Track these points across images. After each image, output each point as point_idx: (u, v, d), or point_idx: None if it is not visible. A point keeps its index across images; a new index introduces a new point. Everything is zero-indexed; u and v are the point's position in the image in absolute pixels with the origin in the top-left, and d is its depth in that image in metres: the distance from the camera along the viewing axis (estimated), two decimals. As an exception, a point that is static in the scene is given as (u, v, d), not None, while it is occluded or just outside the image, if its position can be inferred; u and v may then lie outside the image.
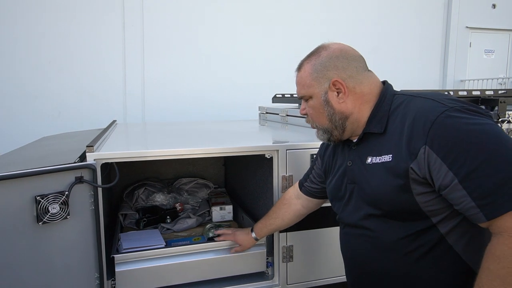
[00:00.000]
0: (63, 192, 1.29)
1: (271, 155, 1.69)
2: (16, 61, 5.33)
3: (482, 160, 0.84)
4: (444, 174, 0.88)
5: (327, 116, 1.13)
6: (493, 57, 7.82)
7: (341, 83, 1.09)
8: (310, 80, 1.13)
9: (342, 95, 1.10)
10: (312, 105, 1.16)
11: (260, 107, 3.52)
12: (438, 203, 0.95)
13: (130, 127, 2.92)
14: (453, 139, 0.87)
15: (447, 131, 0.89)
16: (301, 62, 1.18)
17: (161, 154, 1.55)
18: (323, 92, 1.12)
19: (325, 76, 1.11)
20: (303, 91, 1.16)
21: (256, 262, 1.74)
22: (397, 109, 1.04)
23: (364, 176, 1.09)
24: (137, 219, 2.04)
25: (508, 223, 0.83)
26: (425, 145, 0.90)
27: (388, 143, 1.02)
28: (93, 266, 1.41)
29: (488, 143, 0.86)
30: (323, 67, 1.11)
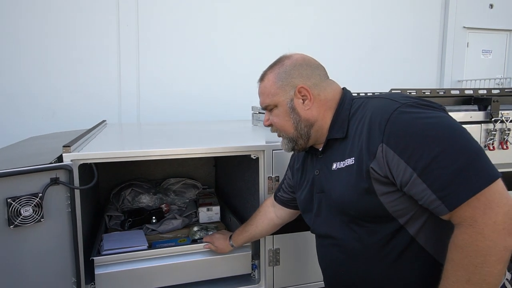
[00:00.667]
0: (36, 194, 1.25)
1: (257, 156, 1.65)
2: (10, 60, 5.29)
3: (438, 152, 0.84)
4: (403, 170, 0.88)
5: (293, 123, 1.12)
6: (490, 58, 7.79)
7: (306, 89, 1.10)
8: (275, 89, 1.12)
9: (308, 102, 1.11)
10: (277, 114, 1.15)
11: (253, 107, 3.48)
12: (403, 202, 0.94)
13: (119, 127, 2.88)
14: (407, 134, 0.88)
15: (401, 126, 0.89)
16: (264, 72, 1.18)
17: (140, 154, 1.51)
18: (289, 100, 1.11)
19: (290, 84, 1.11)
20: (267, 100, 1.15)
21: (241, 264, 1.70)
22: (356, 112, 1.06)
23: (330, 183, 1.09)
24: (122, 220, 2.00)
25: (466, 213, 0.82)
26: (381, 143, 0.91)
27: (350, 147, 1.02)
28: (70, 271, 1.37)
29: (442, 134, 0.86)
30: (287, 75, 1.11)
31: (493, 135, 1.82)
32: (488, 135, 1.83)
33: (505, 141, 1.84)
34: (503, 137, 1.84)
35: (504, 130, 1.84)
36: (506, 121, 1.82)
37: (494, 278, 0.81)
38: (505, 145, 1.84)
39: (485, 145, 1.83)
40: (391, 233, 0.98)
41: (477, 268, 0.81)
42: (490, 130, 1.82)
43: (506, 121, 1.82)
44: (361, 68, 6.55)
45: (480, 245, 0.80)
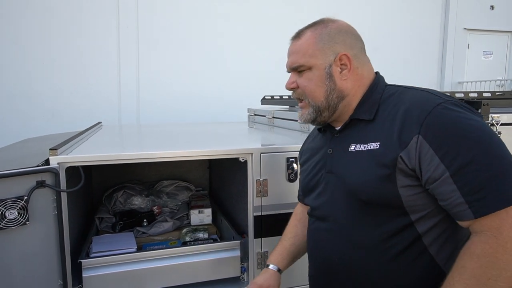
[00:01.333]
0: (22, 197, 1.25)
1: (245, 159, 1.65)
2: (10, 61, 5.32)
3: (475, 156, 0.81)
4: (435, 166, 0.84)
5: (325, 91, 1.04)
6: (491, 59, 7.75)
7: (349, 58, 1.03)
8: (313, 50, 1.03)
9: (346, 72, 1.04)
10: (309, 77, 1.05)
11: (249, 108, 3.49)
12: (421, 198, 0.91)
13: (113, 129, 2.89)
14: (447, 131, 0.85)
15: (443, 122, 0.86)
16: (301, 30, 1.08)
17: (128, 157, 1.51)
18: (327, 65, 1.03)
19: (331, 48, 1.03)
20: (302, 60, 1.04)
21: (230, 267, 1.70)
22: (389, 98, 1.01)
23: (344, 164, 1.03)
24: (113, 222, 2.01)
25: (494, 223, 0.79)
26: (418, 134, 0.87)
27: (376, 131, 0.97)
28: (56, 273, 1.37)
29: (483, 139, 0.83)
30: (330, 39, 1.03)
31: (483, 138, 1.81)
32: (479, 138, 1.82)
33: (496, 145, 1.83)
34: (493, 141, 1.83)
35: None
36: (496, 124, 1.81)
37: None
38: (496, 148, 1.83)
39: (476, 148, 1.82)
40: (399, 227, 0.94)
41: (489, 281, 0.78)
42: (481, 133, 1.81)
43: (496, 124, 1.81)
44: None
45: (500, 258, 0.78)
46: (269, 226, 1.68)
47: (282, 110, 2.88)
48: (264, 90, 4.35)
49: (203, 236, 1.91)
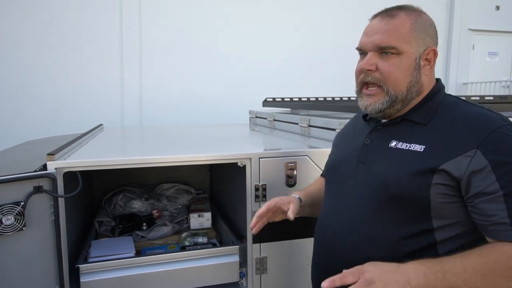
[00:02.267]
0: (19, 203, 1.25)
1: (244, 163, 1.64)
2: (12, 63, 5.35)
3: None
4: (489, 183, 0.85)
5: (409, 82, 0.98)
6: (496, 60, 7.68)
7: (436, 55, 1.01)
8: (409, 35, 0.98)
9: (428, 68, 1.01)
10: (397, 64, 0.98)
11: (251, 111, 3.48)
12: (452, 208, 0.91)
13: (114, 131, 2.89)
14: (508, 154, 0.85)
15: (505, 145, 0.86)
16: (393, 8, 1.02)
17: (125, 162, 1.51)
18: (418, 55, 0.99)
19: (424, 40, 0.99)
20: (396, 42, 0.97)
21: (229, 272, 1.69)
22: (447, 107, 0.99)
23: (379, 156, 1.01)
24: (112, 226, 2.00)
25: None
26: (476, 149, 0.86)
27: (424, 135, 0.96)
28: (53, 279, 1.37)
29: None
30: (425, 30, 1.00)
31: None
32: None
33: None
34: (495, 145, 1.81)
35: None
36: (498, 129, 1.79)
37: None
38: (498, 153, 1.81)
39: (478, 153, 1.80)
40: (419, 231, 0.93)
41: (502, 278, 0.80)
42: (483, 138, 1.79)
43: (498, 129, 1.79)
44: (365, 70, 6.51)
45: None
46: (267, 231, 1.66)
47: (283, 113, 2.87)
48: (267, 92, 4.34)
49: (202, 241, 1.90)
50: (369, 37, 1.02)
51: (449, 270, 0.82)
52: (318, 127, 2.18)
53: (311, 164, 1.66)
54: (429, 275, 0.82)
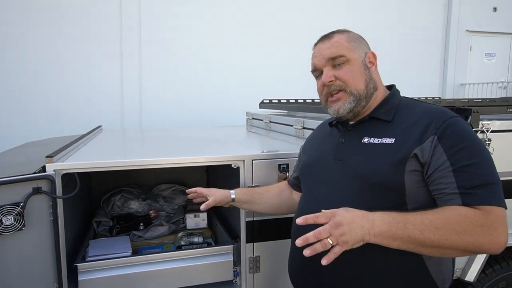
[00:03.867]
0: (18, 203, 1.30)
1: (238, 165, 1.68)
2: (13, 64, 5.39)
3: (475, 162, 1.00)
4: (442, 161, 1.01)
5: (365, 80, 1.17)
6: (494, 61, 7.72)
7: (375, 56, 1.21)
8: (350, 45, 1.18)
9: (374, 68, 1.21)
10: (349, 69, 1.16)
11: (247, 112, 3.52)
12: (421, 191, 1.05)
13: (113, 133, 2.94)
14: (457, 138, 1.03)
15: (455, 131, 1.04)
16: (329, 33, 1.22)
17: (122, 164, 1.55)
18: (362, 58, 1.18)
19: (361, 47, 1.20)
20: (343, 51, 1.16)
21: (223, 271, 1.74)
22: (406, 105, 1.17)
23: (356, 152, 1.15)
24: (110, 226, 2.05)
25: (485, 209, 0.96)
26: (434, 135, 1.04)
27: (392, 130, 1.12)
28: (52, 277, 1.42)
29: (482, 150, 1.04)
30: (358, 40, 1.21)
31: (473, 145, 1.83)
32: (469, 145, 1.84)
33: (486, 151, 1.85)
34: (484, 147, 1.85)
35: (484, 140, 1.85)
36: (486, 131, 1.83)
37: (451, 246, 0.94)
38: (486, 155, 1.85)
39: (466, 155, 1.84)
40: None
41: (454, 231, 0.93)
42: (471, 140, 1.83)
43: (486, 132, 1.83)
44: (362, 71, 6.55)
45: (475, 227, 0.93)
46: (260, 231, 1.72)
47: (279, 115, 2.91)
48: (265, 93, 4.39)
49: (197, 240, 1.94)
50: (320, 57, 1.20)
51: (409, 222, 0.95)
52: (312, 129, 2.22)
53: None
54: (392, 223, 0.95)
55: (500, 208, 0.97)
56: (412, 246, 0.95)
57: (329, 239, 0.90)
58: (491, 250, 0.96)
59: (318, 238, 0.91)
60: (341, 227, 0.91)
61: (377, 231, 0.94)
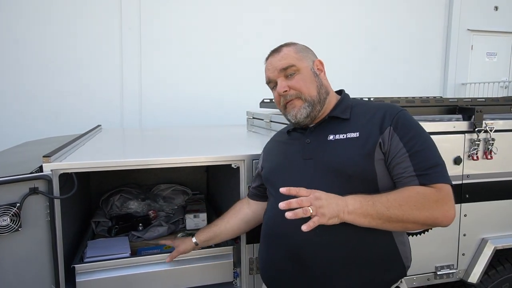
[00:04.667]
0: (14, 204, 1.28)
1: (238, 165, 1.66)
2: (13, 62, 5.36)
3: (426, 146, 1.15)
4: (399, 149, 1.15)
5: (316, 87, 1.27)
6: (495, 60, 7.69)
7: (322, 64, 1.32)
8: (298, 56, 1.28)
9: (323, 75, 1.32)
10: (300, 78, 1.26)
11: (248, 111, 3.49)
12: (387, 175, 1.18)
13: (112, 132, 2.91)
14: (408, 127, 1.17)
15: (405, 121, 1.19)
16: (279, 47, 1.31)
17: (120, 164, 1.53)
18: (310, 67, 1.29)
19: (308, 56, 1.30)
20: (293, 61, 1.26)
21: (223, 272, 1.72)
22: (359, 104, 1.31)
23: (324, 149, 1.23)
24: (109, 226, 2.03)
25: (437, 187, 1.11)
26: (390, 126, 1.17)
27: (353, 126, 1.23)
28: (49, 279, 1.40)
29: (427, 136, 1.19)
30: (304, 50, 1.31)
31: (477, 145, 1.81)
32: (472, 145, 1.82)
33: (489, 151, 1.83)
34: (487, 147, 1.83)
35: (488, 140, 1.83)
36: (490, 131, 1.81)
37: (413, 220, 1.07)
38: (489, 155, 1.83)
39: (469, 155, 1.82)
40: None
41: (411, 206, 1.07)
42: (474, 140, 1.81)
43: (490, 131, 1.81)
44: (363, 70, 6.52)
45: (430, 202, 1.08)
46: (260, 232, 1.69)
47: (279, 115, 2.88)
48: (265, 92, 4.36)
49: (197, 241, 1.92)
50: (272, 69, 1.29)
51: (377, 201, 1.08)
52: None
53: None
54: (363, 202, 1.07)
55: (448, 186, 1.12)
56: (381, 222, 1.07)
57: (310, 208, 0.99)
58: (443, 223, 1.10)
59: (300, 205, 0.99)
60: (320, 201, 1.03)
61: (350, 208, 1.05)
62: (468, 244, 1.86)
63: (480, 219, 1.87)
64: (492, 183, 1.86)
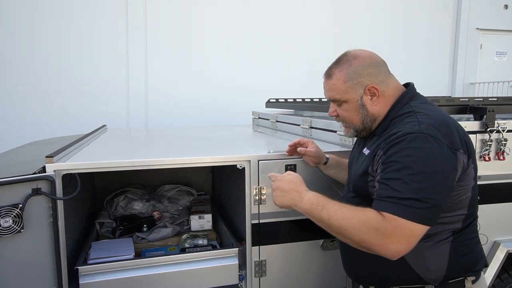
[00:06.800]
0: (17, 205, 1.26)
1: (243, 166, 1.63)
2: (20, 63, 5.39)
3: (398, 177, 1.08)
4: (379, 171, 1.14)
5: (361, 118, 1.28)
6: (505, 59, 7.57)
7: (376, 88, 1.24)
8: (345, 87, 1.26)
9: (376, 99, 1.26)
10: (346, 109, 1.30)
11: (254, 112, 3.47)
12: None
13: (117, 132, 2.90)
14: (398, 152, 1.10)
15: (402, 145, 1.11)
16: (330, 69, 1.30)
17: (124, 164, 1.51)
18: (359, 97, 1.26)
19: (360, 83, 1.24)
20: (338, 96, 1.28)
21: (228, 275, 1.69)
22: (400, 118, 1.22)
23: (356, 162, 1.34)
24: (113, 227, 2.01)
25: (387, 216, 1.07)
26: (382, 150, 1.16)
27: (374, 143, 1.24)
28: (51, 281, 1.38)
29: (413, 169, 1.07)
30: (357, 75, 1.24)
31: (489, 145, 1.76)
32: (484, 145, 1.77)
33: (502, 152, 1.77)
34: (499, 148, 1.78)
35: (500, 140, 1.78)
36: (502, 131, 1.76)
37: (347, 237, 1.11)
38: (502, 155, 1.78)
39: (481, 156, 1.77)
40: None
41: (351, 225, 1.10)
42: (486, 140, 1.76)
43: (502, 131, 1.76)
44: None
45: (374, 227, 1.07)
46: (267, 234, 1.66)
47: (285, 114, 2.85)
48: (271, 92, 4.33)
49: (202, 243, 1.90)
50: (325, 93, 1.35)
51: (327, 208, 1.15)
52: (319, 129, 2.16)
53: (311, 166, 1.65)
54: (313, 205, 1.18)
55: (405, 221, 1.04)
56: (323, 226, 1.16)
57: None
58: (382, 254, 1.07)
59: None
60: (276, 191, 1.27)
61: (301, 207, 1.21)
62: (479, 247, 1.81)
63: (492, 221, 1.81)
64: (505, 185, 1.81)
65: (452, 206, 1.17)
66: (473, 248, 1.24)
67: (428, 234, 1.11)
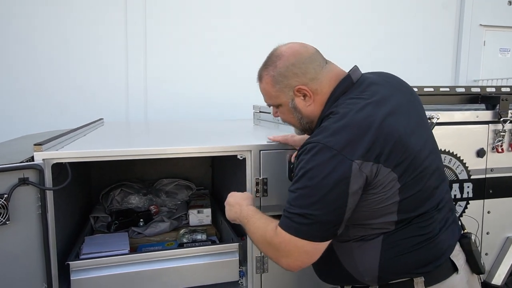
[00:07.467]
0: (2, 195, 1.18)
1: (244, 156, 1.55)
2: (18, 58, 5.33)
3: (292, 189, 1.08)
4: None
5: (297, 120, 1.24)
6: (508, 56, 7.49)
7: (305, 89, 1.16)
8: (275, 92, 1.20)
9: (308, 99, 1.18)
10: (282, 111, 1.26)
11: (254, 105, 3.39)
12: None
13: (114, 125, 2.82)
14: (297, 167, 1.09)
15: (299, 160, 1.10)
16: (260, 72, 1.25)
17: (116, 153, 1.43)
18: (290, 100, 1.20)
19: (287, 86, 1.18)
20: (270, 101, 1.26)
21: (228, 271, 1.61)
22: (325, 119, 1.14)
23: None
24: (108, 222, 1.93)
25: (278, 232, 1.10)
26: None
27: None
28: (40, 276, 1.30)
29: (305, 180, 1.05)
30: (283, 77, 1.17)
31: (501, 136, 1.68)
32: (497, 136, 1.69)
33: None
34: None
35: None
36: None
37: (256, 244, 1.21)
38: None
39: (493, 147, 1.69)
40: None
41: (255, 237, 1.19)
42: (499, 131, 1.68)
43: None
44: (374, 66, 6.32)
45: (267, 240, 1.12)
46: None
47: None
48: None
49: (201, 238, 1.82)
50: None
51: (251, 221, 1.21)
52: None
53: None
54: (242, 217, 1.26)
55: (290, 236, 1.05)
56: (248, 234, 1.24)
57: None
58: (279, 265, 1.12)
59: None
60: (226, 205, 1.35)
61: (240, 220, 1.27)
62: (491, 243, 1.74)
63: (505, 216, 1.74)
64: (519, 177, 1.73)
65: (372, 213, 1.08)
66: (416, 248, 1.10)
67: (356, 235, 1.13)
